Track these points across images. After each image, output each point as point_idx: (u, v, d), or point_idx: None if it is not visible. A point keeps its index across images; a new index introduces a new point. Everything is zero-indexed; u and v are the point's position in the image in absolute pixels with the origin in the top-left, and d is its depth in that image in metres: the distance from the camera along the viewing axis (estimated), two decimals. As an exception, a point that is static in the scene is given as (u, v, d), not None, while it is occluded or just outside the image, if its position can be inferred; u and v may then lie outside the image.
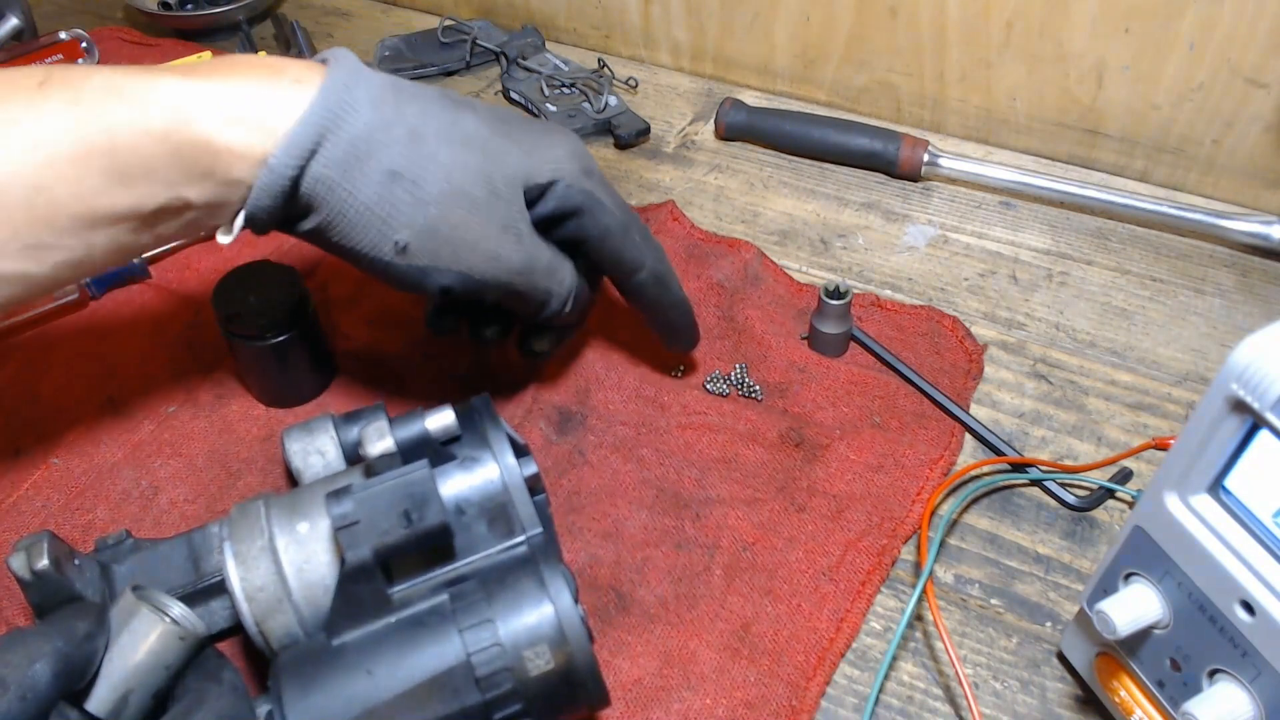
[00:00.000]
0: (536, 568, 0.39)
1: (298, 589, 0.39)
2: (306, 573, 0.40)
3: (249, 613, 0.39)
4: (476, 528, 0.40)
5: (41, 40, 0.83)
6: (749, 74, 0.83)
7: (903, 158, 0.71)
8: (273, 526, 0.40)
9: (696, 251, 0.65)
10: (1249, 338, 0.32)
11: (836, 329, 0.58)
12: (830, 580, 0.49)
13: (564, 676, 0.37)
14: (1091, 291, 0.64)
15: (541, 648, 0.37)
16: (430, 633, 0.37)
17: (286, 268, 0.56)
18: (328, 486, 0.42)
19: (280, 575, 0.39)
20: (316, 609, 0.40)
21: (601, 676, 0.38)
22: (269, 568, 0.40)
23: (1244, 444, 0.34)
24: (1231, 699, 0.35)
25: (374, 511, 0.37)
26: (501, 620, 0.37)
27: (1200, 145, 0.69)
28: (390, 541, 0.37)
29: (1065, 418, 0.57)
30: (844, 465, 0.53)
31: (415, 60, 0.84)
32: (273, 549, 0.40)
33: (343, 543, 0.37)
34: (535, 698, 0.37)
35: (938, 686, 0.46)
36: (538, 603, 0.37)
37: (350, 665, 0.37)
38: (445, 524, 0.38)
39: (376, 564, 0.37)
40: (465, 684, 0.36)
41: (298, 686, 0.36)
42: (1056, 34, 0.69)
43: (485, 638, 0.36)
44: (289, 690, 0.36)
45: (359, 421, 0.46)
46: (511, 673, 0.36)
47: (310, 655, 0.38)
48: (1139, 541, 0.38)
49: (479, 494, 0.41)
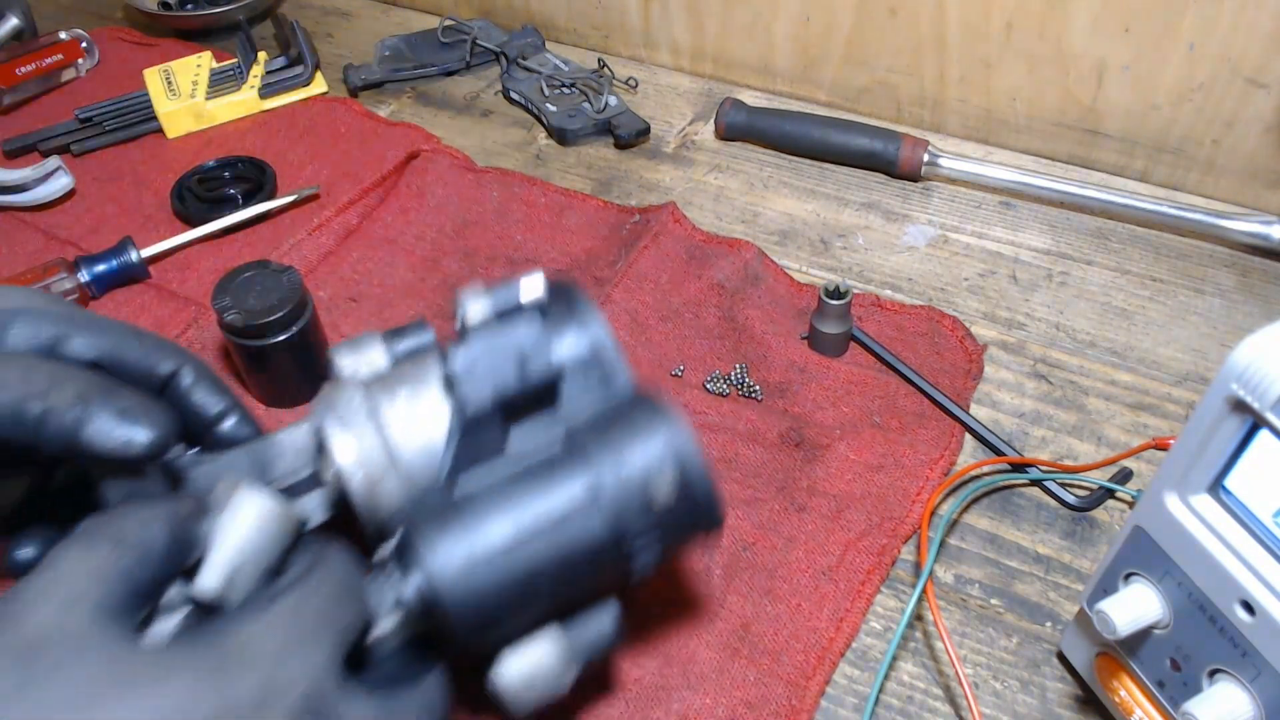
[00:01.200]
0: (642, 404, 0.39)
1: (404, 455, 0.39)
2: (411, 438, 0.39)
3: (359, 481, 0.38)
4: (574, 382, 0.41)
5: (41, 40, 0.83)
6: (749, 74, 0.83)
7: (903, 158, 0.71)
8: (373, 397, 0.40)
9: (697, 253, 0.65)
10: (1249, 338, 0.32)
11: (836, 329, 0.58)
12: (830, 580, 0.49)
13: (684, 497, 0.38)
14: (1091, 291, 0.64)
15: (661, 473, 0.37)
16: (553, 474, 0.38)
17: (286, 268, 0.56)
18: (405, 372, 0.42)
19: (386, 442, 0.39)
20: (422, 474, 0.39)
21: (717, 495, 0.38)
22: (373, 435, 0.39)
23: (1244, 444, 0.34)
24: (1231, 699, 0.35)
25: (491, 360, 0.38)
26: (619, 454, 0.38)
27: (1200, 145, 0.69)
28: (507, 388, 0.38)
29: (1065, 418, 0.57)
30: (844, 465, 0.53)
31: (415, 60, 0.84)
32: (376, 417, 0.39)
33: (463, 391, 0.37)
34: (661, 522, 0.38)
35: (938, 686, 0.46)
36: (651, 433, 0.38)
37: (483, 506, 0.37)
38: (556, 371, 0.39)
39: (495, 411, 0.38)
40: (596, 513, 0.37)
41: (432, 526, 0.36)
42: (1056, 34, 0.69)
43: (611, 469, 0.37)
44: (424, 538, 0.36)
45: (405, 336, 0.46)
46: (637, 499, 0.37)
47: (436, 508, 0.37)
48: (1139, 541, 0.38)
49: (572, 352, 0.41)
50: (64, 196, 0.72)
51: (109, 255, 0.64)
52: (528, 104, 0.79)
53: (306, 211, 0.70)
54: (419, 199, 0.70)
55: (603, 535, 0.37)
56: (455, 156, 0.73)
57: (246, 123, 0.79)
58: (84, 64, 0.84)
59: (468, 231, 0.69)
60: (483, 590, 0.36)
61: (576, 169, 0.75)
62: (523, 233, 0.68)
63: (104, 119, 0.77)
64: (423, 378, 0.41)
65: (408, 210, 0.70)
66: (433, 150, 0.73)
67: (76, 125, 0.77)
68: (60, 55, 0.83)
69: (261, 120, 0.79)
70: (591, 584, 0.39)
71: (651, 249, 0.65)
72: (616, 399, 0.41)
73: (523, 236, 0.68)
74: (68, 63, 0.83)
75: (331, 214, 0.69)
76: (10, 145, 0.76)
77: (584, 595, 0.39)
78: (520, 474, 0.38)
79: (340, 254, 0.67)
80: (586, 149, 0.77)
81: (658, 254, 0.65)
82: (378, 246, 0.68)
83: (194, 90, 0.78)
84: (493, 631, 0.38)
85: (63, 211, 0.72)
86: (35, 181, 0.71)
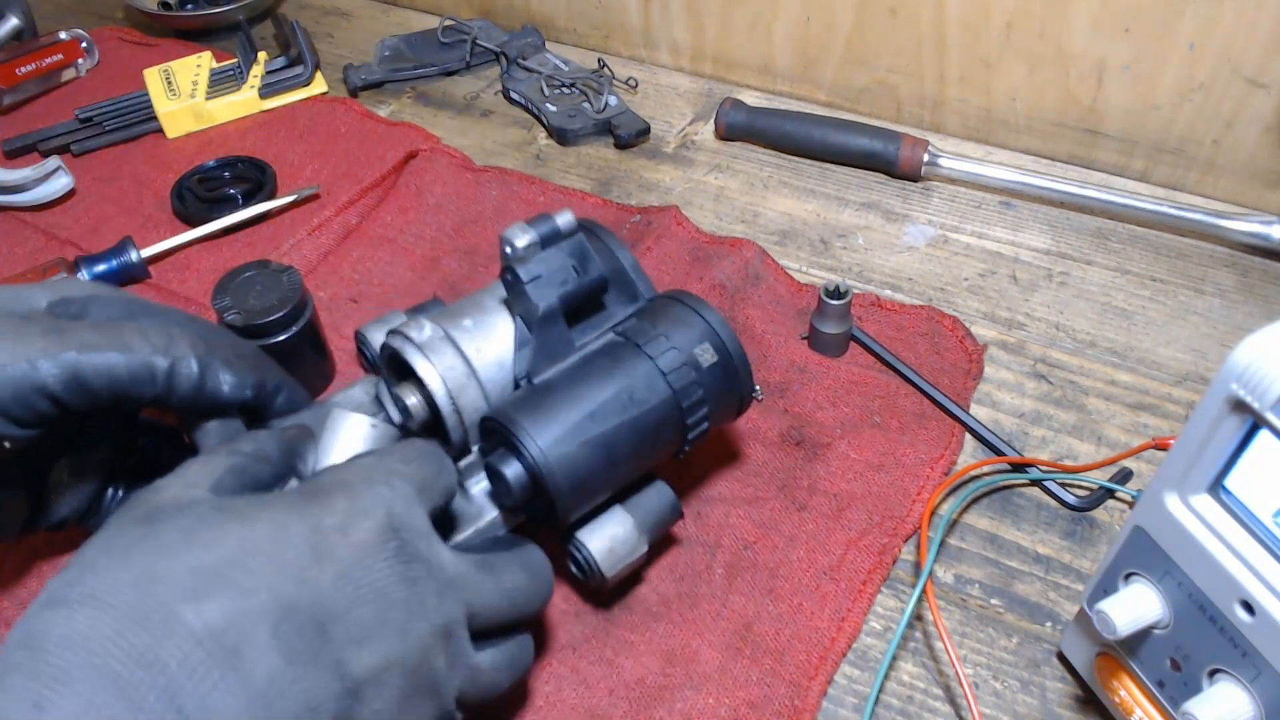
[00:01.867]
0: (677, 296, 0.47)
1: (480, 367, 0.45)
2: (484, 352, 0.46)
3: (444, 391, 0.44)
4: (610, 294, 0.48)
5: (41, 40, 0.83)
6: (749, 74, 0.83)
7: (903, 158, 0.71)
8: (442, 325, 0.46)
9: (700, 254, 0.65)
10: (1249, 338, 0.32)
11: (836, 329, 0.58)
12: (831, 579, 0.49)
13: (725, 366, 0.46)
14: (1091, 291, 0.64)
15: (705, 346, 0.45)
16: (617, 355, 0.45)
17: (286, 268, 0.56)
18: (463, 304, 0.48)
19: (464, 356, 0.45)
20: (497, 384, 0.46)
21: (747, 361, 0.46)
22: (452, 352, 0.45)
23: (1244, 444, 0.34)
24: (1231, 699, 0.35)
25: (551, 268, 0.45)
26: (669, 334, 0.45)
27: (1200, 145, 0.69)
28: (569, 289, 0.45)
29: (1065, 418, 0.57)
30: (845, 464, 0.53)
31: (415, 60, 0.84)
32: (450, 339, 0.45)
33: (532, 294, 0.44)
34: (709, 385, 0.45)
35: (938, 686, 0.46)
36: (692, 316, 0.46)
37: (561, 390, 0.44)
38: (604, 274, 0.46)
39: (561, 309, 0.45)
40: (657, 382, 0.44)
41: (525, 413, 0.42)
42: (1056, 34, 0.69)
43: (663, 346, 0.45)
44: (521, 416, 0.42)
45: (424, 312, 0.53)
46: (689, 368, 0.45)
47: (522, 397, 0.44)
48: (1139, 541, 0.38)
49: (606, 268, 0.48)
50: (64, 196, 0.72)
51: (109, 255, 0.64)
52: (528, 104, 0.79)
53: (306, 211, 0.70)
54: (418, 199, 0.70)
55: (665, 398, 0.44)
56: (454, 156, 0.73)
57: (246, 123, 0.79)
58: (84, 64, 0.84)
59: (467, 230, 0.69)
60: (576, 459, 0.42)
61: (576, 169, 0.75)
62: (523, 233, 0.68)
63: (104, 119, 0.77)
64: (481, 303, 0.47)
65: (407, 210, 0.70)
66: (431, 150, 0.73)
67: (76, 125, 0.77)
68: (60, 55, 0.83)
69: (261, 120, 0.79)
70: (659, 446, 0.45)
71: (654, 251, 0.65)
72: (649, 305, 0.48)
73: (523, 236, 0.68)
74: (68, 63, 0.83)
75: (331, 214, 0.69)
76: (10, 145, 0.76)
77: (652, 457, 0.46)
78: (588, 360, 0.45)
79: (340, 254, 0.67)
80: (586, 149, 0.77)
81: (660, 256, 0.65)
82: (378, 246, 0.68)
83: (194, 90, 0.78)
84: (585, 498, 0.44)
85: (63, 211, 0.72)
86: (35, 181, 0.71)
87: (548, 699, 0.45)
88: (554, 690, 0.46)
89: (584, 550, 0.45)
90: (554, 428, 0.42)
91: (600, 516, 0.46)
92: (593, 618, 0.48)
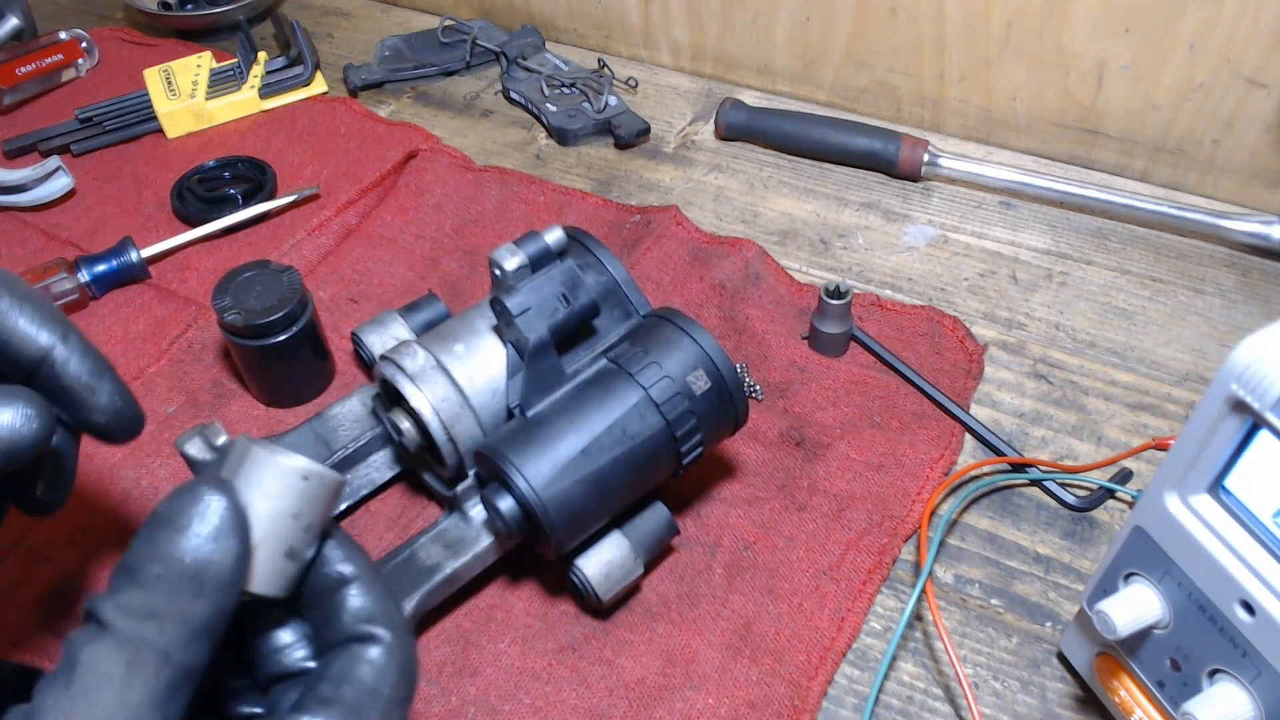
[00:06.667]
0: (669, 317, 0.46)
1: (473, 394, 0.45)
2: (476, 379, 0.45)
3: (438, 422, 0.44)
4: (603, 313, 0.48)
5: (41, 40, 0.83)
6: (749, 74, 0.83)
7: (903, 158, 0.71)
8: (434, 353, 0.46)
9: (700, 254, 0.65)
10: (1249, 338, 0.32)
11: (837, 329, 0.58)
12: (831, 579, 0.49)
13: (718, 392, 0.45)
14: (1091, 291, 0.64)
15: (699, 372, 0.45)
16: (609, 384, 0.44)
17: (286, 268, 0.56)
18: (453, 327, 0.48)
19: (456, 386, 0.45)
20: (491, 411, 0.46)
21: (742, 384, 0.46)
22: (444, 382, 0.45)
23: (1244, 444, 0.34)
24: (1231, 699, 0.35)
25: (540, 298, 0.45)
26: (661, 361, 0.44)
27: (1200, 145, 0.69)
28: (558, 320, 0.45)
29: (1065, 418, 0.57)
30: (844, 464, 0.53)
31: (415, 60, 0.84)
32: (442, 367, 0.45)
33: (522, 327, 0.44)
34: (703, 412, 0.45)
35: (938, 686, 0.46)
36: (684, 341, 0.45)
37: (553, 424, 0.43)
38: (595, 301, 0.46)
39: (552, 340, 0.45)
40: (650, 411, 0.44)
41: (517, 449, 0.42)
42: (1056, 34, 0.69)
43: (654, 374, 0.44)
44: (513, 453, 0.42)
45: (420, 310, 0.53)
46: (681, 396, 0.44)
47: (515, 430, 0.44)
48: (1139, 541, 0.38)
49: (598, 287, 0.48)
50: (64, 196, 0.72)
51: (109, 255, 0.64)
52: (528, 104, 0.79)
53: (306, 211, 0.70)
54: (418, 198, 0.70)
55: (658, 429, 0.44)
56: (454, 156, 0.73)
57: (246, 123, 0.79)
58: (84, 64, 0.84)
59: (467, 230, 0.69)
60: (570, 495, 0.42)
61: (576, 169, 0.75)
62: (522, 230, 0.68)
63: (104, 119, 0.77)
64: (473, 325, 0.47)
65: (407, 210, 0.70)
66: (431, 150, 0.73)
67: (76, 125, 0.77)
68: (60, 55, 0.83)
69: (261, 120, 0.79)
70: (653, 473, 0.45)
71: (654, 251, 0.65)
72: (642, 324, 0.47)
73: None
74: (68, 63, 0.83)
75: (331, 214, 0.69)
76: (10, 145, 0.76)
77: (647, 485, 0.45)
78: (580, 390, 0.44)
79: (340, 254, 0.67)
80: (586, 149, 0.77)
81: (660, 256, 0.65)
82: (378, 246, 0.68)
83: (194, 90, 0.78)
84: (580, 531, 0.44)
85: (63, 211, 0.72)
86: (35, 181, 0.71)
87: (548, 699, 0.45)
88: (554, 690, 0.46)
89: (581, 576, 0.46)
90: (547, 465, 0.42)
91: (597, 543, 0.46)
92: (592, 618, 0.48)
